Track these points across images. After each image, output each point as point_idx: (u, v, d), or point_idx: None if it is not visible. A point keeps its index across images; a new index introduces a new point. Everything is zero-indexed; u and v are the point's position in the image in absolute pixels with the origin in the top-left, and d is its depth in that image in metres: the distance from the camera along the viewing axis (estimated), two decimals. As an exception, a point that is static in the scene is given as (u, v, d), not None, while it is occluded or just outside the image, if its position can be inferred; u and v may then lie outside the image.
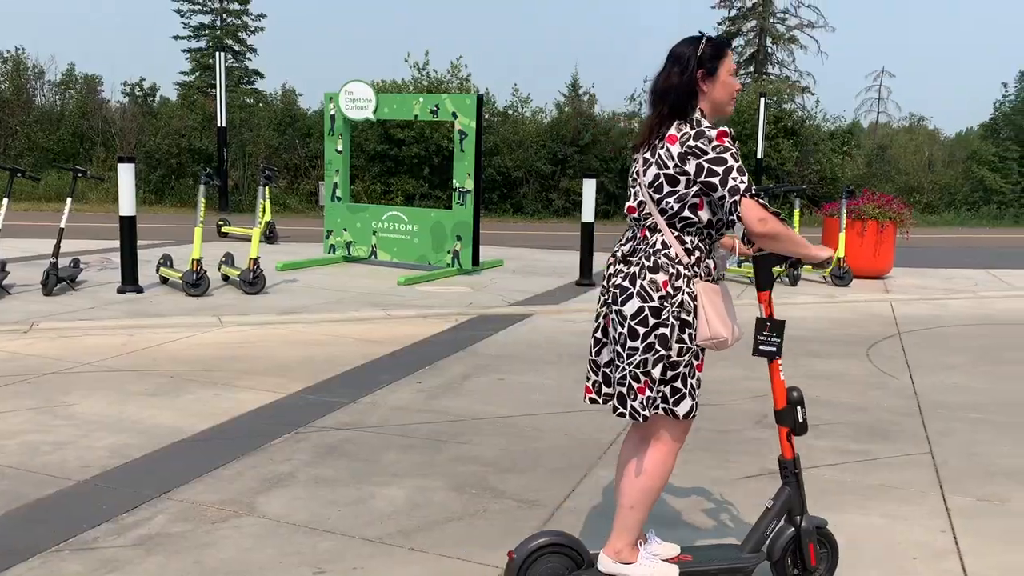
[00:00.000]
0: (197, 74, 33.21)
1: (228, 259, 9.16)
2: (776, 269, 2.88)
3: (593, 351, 2.81)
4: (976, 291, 10.23)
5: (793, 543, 2.85)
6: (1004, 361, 6.65)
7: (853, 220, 10.84)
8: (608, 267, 2.75)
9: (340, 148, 11.01)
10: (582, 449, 4.35)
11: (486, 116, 25.19)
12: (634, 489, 2.72)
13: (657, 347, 2.56)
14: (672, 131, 2.56)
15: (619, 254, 2.71)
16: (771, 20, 39.10)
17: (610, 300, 2.67)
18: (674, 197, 2.56)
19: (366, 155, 22.80)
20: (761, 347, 2.81)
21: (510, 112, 27.17)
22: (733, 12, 39.81)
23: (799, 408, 2.82)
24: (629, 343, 2.59)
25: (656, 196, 2.60)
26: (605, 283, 2.73)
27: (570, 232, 10.70)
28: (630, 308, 2.58)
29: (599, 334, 2.78)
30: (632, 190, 2.70)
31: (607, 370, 2.76)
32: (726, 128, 2.57)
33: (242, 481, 3.81)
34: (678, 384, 2.61)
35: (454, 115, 10.31)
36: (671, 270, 2.57)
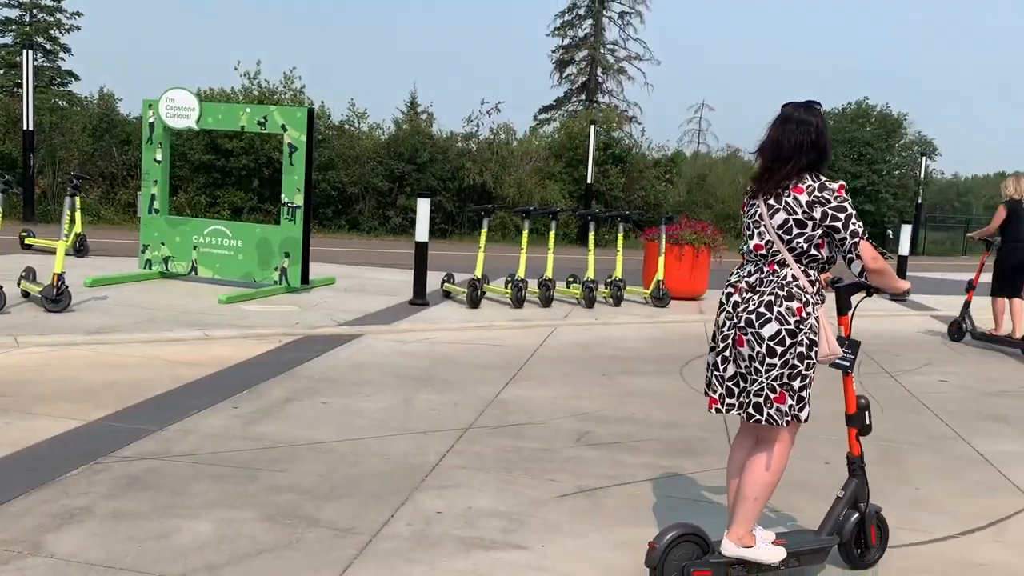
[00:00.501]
0: (2, 72, 30.57)
1: (29, 274, 8.44)
2: (854, 297, 3.40)
3: (720, 368, 3.21)
4: (780, 313, 11.05)
5: (858, 526, 3.41)
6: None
7: (671, 245, 11.45)
8: (730, 295, 3.20)
9: (159, 158, 10.43)
10: (404, 473, 4.31)
11: (321, 129, 24.68)
12: (759, 483, 3.15)
13: (795, 362, 3.05)
14: (799, 183, 3.08)
15: (744, 284, 3.16)
16: (602, 51, 40.81)
17: (744, 324, 3.09)
18: (803, 238, 3.08)
19: (191, 165, 21.75)
20: (839, 361, 3.26)
21: (346, 126, 26.78)
22: (567, 41, 41.28)
23: (866, 413, 3.40)
24: (768, 360, 3.05)
25: (786, 237, 3.10)
26: (731, 309, 3.17)
27: (407, 250, 10.66)
28: (769, 331, 3.03)
29: (726, 353, 3.18)
30: (756, 231, 3.17)
31: (731, 384, 3.19)
32: (843, 182, 3.14)
33: (30, 518, 3.49)
34: (803, 394, 3.10)
35: (284, 128, 10.03)
36: (803, 299, 3.06)
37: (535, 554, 3.47)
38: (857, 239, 3.08)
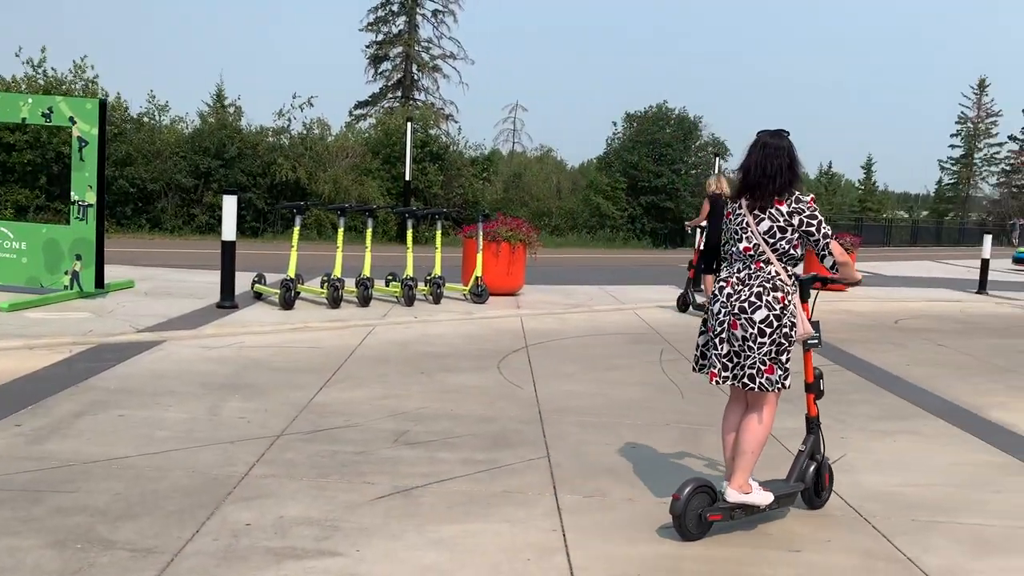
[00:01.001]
0: None
1: None
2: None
3: (718, 347, 3.83)
4: (591, 305, 11.49)
5: (816, 474, 4.13)
6: (610, 367, 7.53)
7: (489, 242, 11.62)
8: (723, 288, 3.83)
9: (-79, 151, 9.33)
10: (210, 486, 4.10)
11: (117, 122, 23.03)
12: (754, 440, 3.82)
13: (780, 340, 3.72)
14: (779, 197, 3.77)
15: (735, 279, 3.81)
16: (416, 48, 40.74)
17: (738, 311, 3.74)
18: (784, 241, 3.76)
19: (-36, 160, 19.68)
20: (810, 341, 3.97)
21: (146, 119, 25.16)
22: (380, 37, 40.87)
23: (820, 381, 4.14)
24: (759, 339, 3.71)
25: (771, 241, 3.78)
26: (724, 299, 3.80)
27: (214, 250, 10.14)
28: (759, 316, 3.70)
29: (724, 335, 3.80)
30: (744, 236, 3.82)
31: (725, 360, 3.81)
32: (812, 195, 3.86)
33: None
34: (787, 365, 3.76)
35: (72, 120, 9.27)
36: (784, 290, 3.75)
37: (350, 559, 3.40)
38: (828, 239, 3.80)
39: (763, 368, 3.72)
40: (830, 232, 3.81)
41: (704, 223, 10.89)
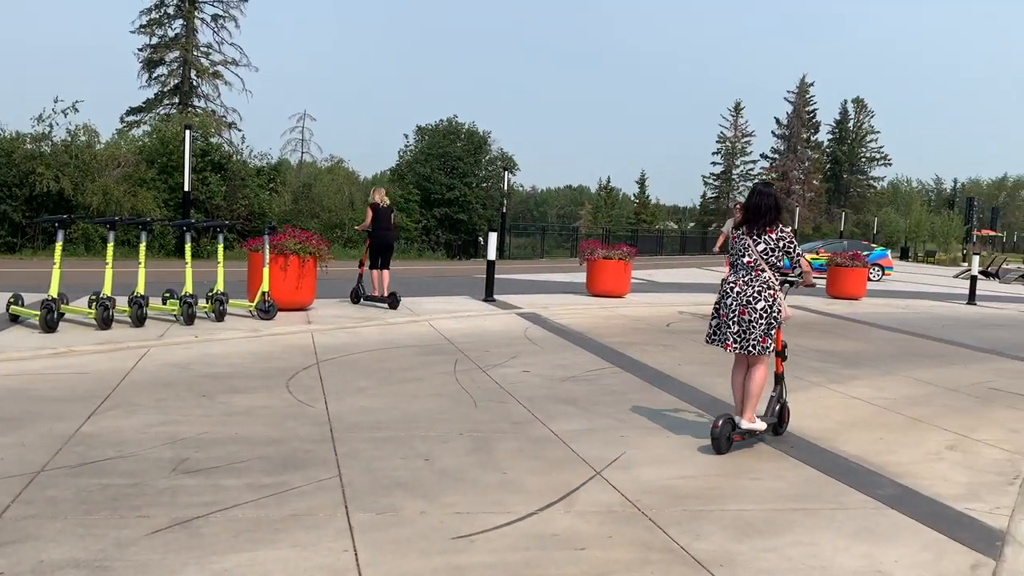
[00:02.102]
0: None
1: None
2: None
3: (732, 327, 5.62)
4: (384, 318, 11.42)
5: (780, 412, 6.04)
6: (404, 380, 7.52)
7: (276, 255, 11.24)
8: (732, 287, 5.64)
9: None
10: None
11: None
12: (757, 386, 5.64)
13: (771, 321, 5.58)
14: (769, 227, 5.64)
15: (741, 282, 5.62)
16: (195, 53, 38.69)
17: (744, 302, 5.57)
18: (774, 256, 5.63)
19: None
20: (784, 321, 5.78)
21: None
22: (155, 40, 38.44)
23: (785, 348, 6.03)
24: (759, 321, 5.54)
25: (765, 256, 5.62)
26: (735, 295, 5.61)
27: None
28: (760, 304, 5.54)
29: (735, 319, 5.60)
30: (747, 253, 5.65)
31: (735, 335, 5.61)
32: (791, 228, 6.00)
33: None
34: (773, 336, 5.66)
35: None
36: (774, 288, 5.59)
37: (123, 601, 3.16)
38: (799, 256, 5.83)
39: (759, 341, 5.58)
40: (800, 251, 5.83)
41: (369, 228, 12.71)
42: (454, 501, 4.41)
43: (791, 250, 5.72)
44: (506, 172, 30.49)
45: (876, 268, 28.00)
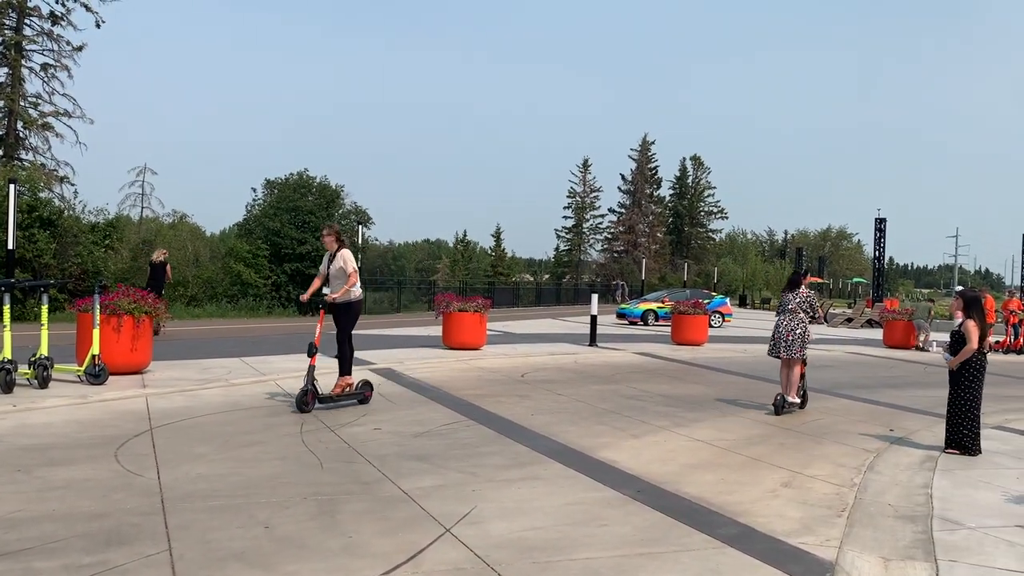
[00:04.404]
0: None
1: None
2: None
3: (783, 338, 10.10)
4: (229, 379, 10.90)
5: (803, 396, 10.38)
6: (247, 444, 7.16)
7: (108, 315, 10.56)
8: (782, 321, 10.20)
9: None
10: None
11: None
12: (795, 377, 10.00)
13: (805, 339, 10.13)
14: (800, 288, 10.40)
15: (787, 319, 10.20)
16: (22, 103, 36.39)
17: (789, 330, 10.09)
18: (806, 305, 10.30)
19: None
20: (811, 345, 11.21)
21: None
22: (-25, 88, 35.84)
23: (806, 359, 10.43)
24: (799, 340, 10.05)
25: (802, 307, 10.27)
26: (783, 328, 10.16)
27: None
28: (799, 332, 10.09)
29: (784, 338, 10.11)
30: (791, 303, 10.28)
31: (783, 348, 10.06)
32: (811, 286, 13.18)
33: None
34: (806, 349, 10.24)
35: None
36: (805, 323, 10.22)
37: None
38: (816, 304, 10.49)
39: (797, 349, 9.92)
40: (816, 302, 10.47)
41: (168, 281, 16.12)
42: (294, 570, 4.19)
43: (813, 301, 10.34)
44: (360, 226, 30.15)
45: (717, 315, 29.46)
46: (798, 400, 10.05)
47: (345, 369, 9.65)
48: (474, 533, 4.86)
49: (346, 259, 9.53)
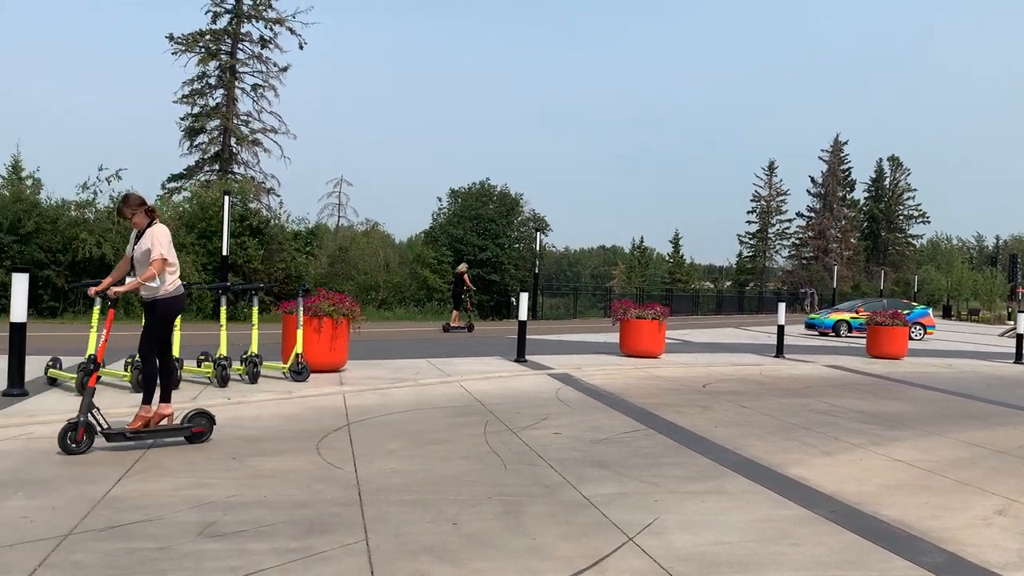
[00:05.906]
0: None
1: None
2: None
3: None
4: (417, 379, 11.40)
5: None
6: (434, 442, 7.45)
7: (310, 317, 11.33)
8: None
9: None
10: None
11: None
12: None
13: None
14: None
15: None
16: (235, 122, 39.82)
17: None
18: None
19: None
20: None
21: (-75, 192, 22.97)
22: (197, 109, 39.68)
23: None
24: None
25: None
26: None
27: (4, 332, 9.27)
28: None
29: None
30: None
31: None
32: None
33: None
34: None
35: None
36: None
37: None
38: None
39: None
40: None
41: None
42: (482, 567, 4.31)
43: None
44: (538, 233, 30.67)
45: (918, 327, 27.48)
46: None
47: (148, 395, 6.92)
48: (657, 544, 4.79)
49: (157, 238, 6.90)
